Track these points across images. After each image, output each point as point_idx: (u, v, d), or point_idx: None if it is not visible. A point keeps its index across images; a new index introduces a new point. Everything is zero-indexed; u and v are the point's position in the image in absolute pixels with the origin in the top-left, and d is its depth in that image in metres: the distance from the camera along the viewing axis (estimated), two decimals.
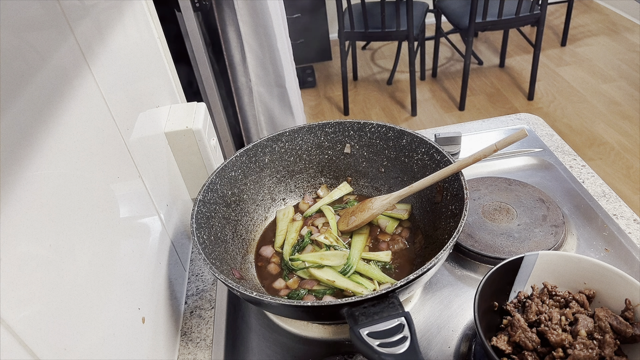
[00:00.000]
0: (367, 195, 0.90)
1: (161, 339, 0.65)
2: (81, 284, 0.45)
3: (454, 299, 0.75)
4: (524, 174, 0.97)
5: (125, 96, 0.67)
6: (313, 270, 0.74)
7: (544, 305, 0.63)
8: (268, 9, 1.48)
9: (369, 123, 0.84)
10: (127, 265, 0.58)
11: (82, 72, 0.54)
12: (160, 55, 0.92)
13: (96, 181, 0.53)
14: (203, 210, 0.71)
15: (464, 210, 0.65)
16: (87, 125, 0.53)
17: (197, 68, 1.56)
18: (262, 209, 0.87)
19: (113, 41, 0.66)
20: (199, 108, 0.91)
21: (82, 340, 0.44)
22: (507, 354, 0.59)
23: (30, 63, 0.44)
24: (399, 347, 0.49)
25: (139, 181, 0.67)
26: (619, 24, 3.56)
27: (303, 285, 0.73)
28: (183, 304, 0.79)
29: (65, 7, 0.52)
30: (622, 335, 0.58)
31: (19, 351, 0.34)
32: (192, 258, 0.88)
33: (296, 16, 3.11)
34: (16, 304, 0.35)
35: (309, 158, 0.89)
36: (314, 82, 3.36)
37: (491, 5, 2.50)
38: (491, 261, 0.77)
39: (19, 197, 0.38)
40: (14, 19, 0.42)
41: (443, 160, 0.75)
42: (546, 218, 0.83)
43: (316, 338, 0.72)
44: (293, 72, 1.72)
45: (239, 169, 0.81)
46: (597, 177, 0.92)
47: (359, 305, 0.54)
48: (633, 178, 2.25)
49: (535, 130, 1.08)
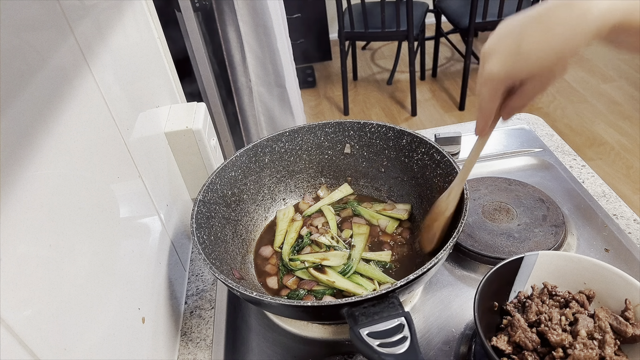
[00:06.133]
0: (367, 195, 0.90)
1: (161, 339, 0.65)
2: (81, 284, 0.45)
3: (454, 299, 0.75)
4: (524, 174, 0.97)
5: (125, 96, 0.67)
6: (313, 271, 0.74)
7: (544, 305, 0.63)
8: (268, 9, 1.48)
9: (369, 123, 0.84)
10: (127, 265, 0.58)
11: (82, 72, 0.54)
12: (160, 55, 0.92)
13: (96, 181, 0.53)
14: (203, 210, 0.71)
15: (464, 210, 0.65)
16: (87, 125, 0.53)
17: (197, 68, 1.57)
18: (262, 209, 0.87)
19: (113, 41, 0.66)
20: (199, 108, 0.91)
21: (82, 340, 0.44)
22: (507, 354, 0.59)
23: (30, 63, 0.44)
24: (399, 347, 0.49)
25: (139, 181, 0.67)
26: None
27: (302, 286, 0.73)
28: (183, 304, 0.79)
29: (65, 7, 0.52)
30: (622, 335, 0.58)
31: (19, 351, 0.34)
32: (192, 258, 0.88)
33: (296, 16, 3.10)
34: (16, 304, 0.35)
35: (309, 158, 0.89)
36: (314, 82, 3.36)
37: (491, 5, 2.50)
38: (491, 261, 0.77)
39: (19, 197, 0.38)
40: (14, 19, 0.42)
41: (443, 160, 0.75)
42: (546, 218, 0.83)
43: (316, 338, 0.72)
44: (293, 72, 1.72)
45: (239, 169, 0.81)
46: (597, 177, 0.92)
47: (359, 305, 0.54)
48: (633, 178, 2.25)
49: (535, 130, 1.08)
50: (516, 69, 0.49)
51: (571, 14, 0.45)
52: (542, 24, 0.47)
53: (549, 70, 0.49)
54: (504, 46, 0.49)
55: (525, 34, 0.48)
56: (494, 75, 0.50)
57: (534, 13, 0.48)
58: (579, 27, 0.45)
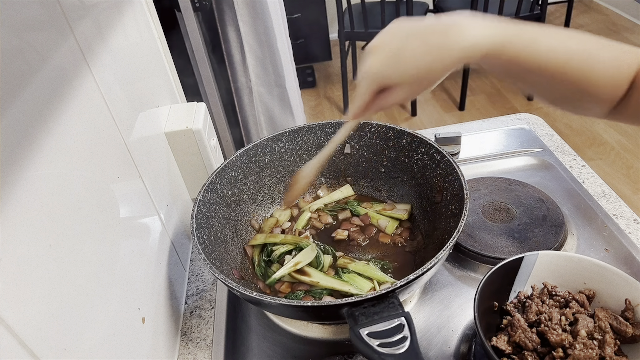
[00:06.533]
0: (367, 195, 0.90)
1: (161, 339, 0.65)
2: (81, 284, 0.45)
3: (454, 299, 0.75)
4: (524, 174, 0.97)
5: (125, 96, 0.67)
6: (296, 274, 0.73)
7: (544, 305, 0.63)
8: (268, 9, 1.48)
9: (369, 123, 0.84)
10: (127, 265, 0.58)
11: (82, 72, 0.54)
12: (160, 55, 0.92)
13: (96, 181, 0.53)
14: (203, 210, 0.71)
15: (464, 210, 0.65)
16: (87, 125, 0.53)
17: (197, 68, 1.56)
18: (262, 209, 0.87)
19: (113, 41, 0.66)
20: (199, 108, 0.91)
21: (82, 340, 0.44)
22: (507, 354, 0.59)
23: (30, 63, 0.44)
24: (399, 347, 0.49)
25: (139, 181, 0.67)
26: (619, 24, 3.56)
27: (297, 288, 0.73)
28: (183, 304, 0.79)
29: (65, 7, 0.52)
30: (622, 335, 0.58)
31: (19, 351, 0.34)
32: (192, 258, 0.88)
33: (296, 16, 3.10)
34: (16, 304, 0.35)
35: (309, 158, 0.88)
36: (314, 82, 3.36)
37: (491, 5, 2.50)
38: (491, 261, 0.77)
39: (19, 197, 0.38)
40: (14, 19, 0.42)
41: (443, 160, 0.75)
42: (546, 218, 0.83)
43: (316, 338, 0.72)
44: (293, 72, 1.72)
45: (239, 169, 0.81)
46: (597, 177, 0.92)
47: (359, 305, 0.54)
48: (633, 178, 2.25)
49: (535, 130, 1.08)
50: (390, 73, 0.54)
51: (446, 38, 0.50)
52: (422, 39, 0.51)
53: (417, 82, 0.53)
54: (387, 48, 0.53)
55: (407, 43, 0.52)
56: (370, 73, 0.54)
57: (421, 26, 0.52)
58: (450, 51, 0.50)
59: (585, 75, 0.51)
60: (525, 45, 0.50)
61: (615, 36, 3.39)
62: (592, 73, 0.51)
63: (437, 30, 0.51)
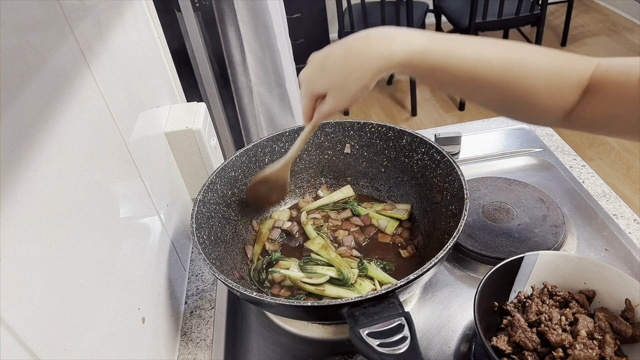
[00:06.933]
0: (367, 195, 0.90)
1: (161, 339, 0.65)
2: (81, 284, 0.45)
3: (454, 299, 0.75)
4: (524, 174, 0.97)
5: (125, 96, 0.67)
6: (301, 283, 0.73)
7: (544, 305, 0.63)
8: (268, 9, 1.48)
9: (369, 123, 0.84)
10: (127, 265, 0.58)
11: (82, 72, 0.54)
12: (160, 55, 0.92)
13: (96, 181, 0.53)
14: (203, 210, 0.71)
15: (464, 210, 0.65)
16: (87, 125, 0.53)
17: (197, 68, 1.56)
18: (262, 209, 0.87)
19: (113, 41, 0.66)
20: (199, 108, 0.91)
21: (82, 340, 0.44)
22: (507, 354, 0.59)
23: (30, 63, 0.44)
24: (399, 347, 0.49)
25: (139, 181, 0.67)
26: (619, 24, 3.56)
27: (297, 292, 0.73)
28: (183, 304, 0.79)
29: (65, 7, 0.52)
30: (622, 335, 0.58)
31: (19, 351, 0.34)
32: (192, 258, 0.88)
33: (296, 16, 3.10)
34: (16, 304, 0.35)
35: (309, 158, 0.89)
36: None
37: (491, 5, 2.50)
38: (491, 261, 0.77)
39: (19, 197, 0.38)
40: (14, 19, 0.42)
41: (443, 160, 0.75)
42: (546, 218, 0.83)
43: (316, 338, 0.72)
44: (293, 72, 1.72)
45: (239, 169, 0.81)
46: (597, 177, 0.92)
47: (359, 305, 0.54)
48: (633, 178, 2.25)
49: (535, 130, 1.08)
50: (315, 79, 0.58)
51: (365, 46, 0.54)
52: (344, 48, 0.55)
53: (340, 88, 0.56)
54: (318, 57, 0.58)
55: (332, 52, 0.56)
56: (300, 81, 0.59)
57: (349, 38, 0.55)
58: (369, 59, 0.53)
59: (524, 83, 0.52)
60: (445, 51, 0.52)
61: (615, 36, 3.39)
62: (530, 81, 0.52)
63: (359, 39, 0.54)
